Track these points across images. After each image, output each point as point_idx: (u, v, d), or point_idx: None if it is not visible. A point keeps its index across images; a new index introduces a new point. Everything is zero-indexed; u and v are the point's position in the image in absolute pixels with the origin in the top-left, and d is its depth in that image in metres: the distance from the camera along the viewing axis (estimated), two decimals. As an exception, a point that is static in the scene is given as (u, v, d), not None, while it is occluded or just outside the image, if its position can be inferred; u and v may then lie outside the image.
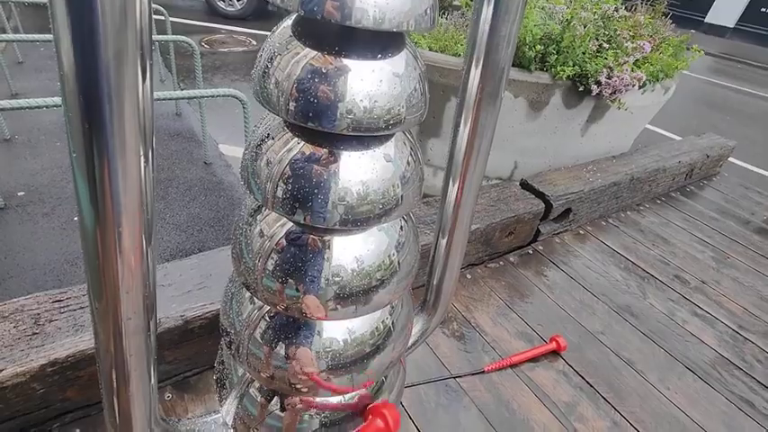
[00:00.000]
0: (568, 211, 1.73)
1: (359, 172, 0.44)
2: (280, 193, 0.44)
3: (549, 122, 1.91)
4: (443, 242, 0.77)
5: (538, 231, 1.68)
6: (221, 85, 3.39)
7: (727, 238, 1.97)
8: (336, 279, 0.51)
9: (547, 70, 1.80)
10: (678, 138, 3.78)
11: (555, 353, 1.27)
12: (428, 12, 0.34)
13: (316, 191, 0.43)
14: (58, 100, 1.28)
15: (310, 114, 0.34)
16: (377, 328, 0.62)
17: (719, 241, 1.95)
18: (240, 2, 5.14)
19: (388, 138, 0.46)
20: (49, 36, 1.78)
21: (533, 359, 1.24)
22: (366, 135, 0.40)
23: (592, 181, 1.80)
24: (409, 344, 0.81)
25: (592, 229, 1.86)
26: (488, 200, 1.56)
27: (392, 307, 0.65)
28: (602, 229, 1.88)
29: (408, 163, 0.50)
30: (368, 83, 0.36)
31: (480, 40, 0.48)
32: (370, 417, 0.64)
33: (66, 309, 0.89)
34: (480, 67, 0.50)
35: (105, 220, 0.33)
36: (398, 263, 0.58)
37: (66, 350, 0.81)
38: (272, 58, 0.36)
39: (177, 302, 0.95)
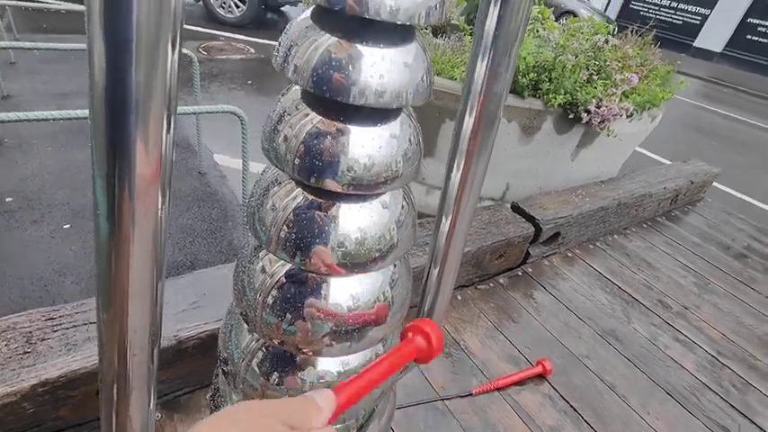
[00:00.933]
0: (557, 234, 1.77)
1: (357, 220, 0.46)
2: (282, 235, 0.46)
3: (541, 147, 1.96)
4: (435, 272, 0.79)
5: (527, 254, 1.72)
6: (218, 93, 3.40)
7: (708, 264, 2.03)
8: (332, 317, 0.53)
9: (539, 97, 1.86)
10: (665, 160, 3.88)
11: (541, 376, 1.29)
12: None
13: (315, 238, 0.45)
14: (55, 113, 1.28)
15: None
16: (370, 360, 0.64)
17: (701, 267, 2.00)
18: (239, 9, 5.17)
19: (382, 192, 0.48)
20: (45, 44, 1.78)
21: (520, 382, 1.26)
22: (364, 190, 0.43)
23: (580, 205, 1.84)
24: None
25: (580, 252, 1.90)
26: (480, 222, 1.59)
27: (385, 339, 0.67)
28: (590, 252, 1.93)
29: (403, 207, 0.53)
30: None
31: (480, 65, 0.49)
32: (410, 334, 0.55)
33: (58, 327, 0.89)
34: (479, 92, 0.51)
35: (120, 234, 0.35)
36: (392, 298, 0.60)
37: (58, 370, 0.81)
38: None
39: (171, 321, 0.96)
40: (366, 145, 0.38)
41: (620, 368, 1.38)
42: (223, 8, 5.17)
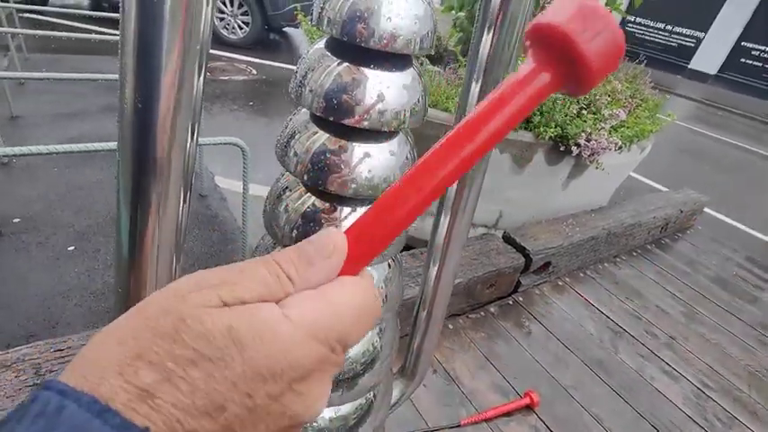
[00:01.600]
0: (548, 263, 1.82)
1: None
2: (294, 234, 0.50)
3: (533, 177, 2.03)
4: (424, 313, 0.84)
5: (518, 283, 1.77)
6: (220, 114, 3.48)
7: (696, 293, 2.08)
8: None
9: (531, 130, 1.93)
10: (657, 185, 3.96)
11: (529, 408, 1.33)
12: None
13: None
14: (59, 147, 1.34)
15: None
16: (360, 405, 0.68)
17: (690, 296, 2.05)
18: (242, 30, 5.30)
19: None
20: (55, 74, 1.85)
21: (508, 413, 1.30)
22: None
23: (571, 235, 1.90)
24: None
25: (570, 281, 1.95)
26: (472, 253, 1.65)
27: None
28: (580, 280, 1.98)
29: None
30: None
31: (472, 96, 0.54)
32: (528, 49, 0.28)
33: (67, 358, 0.94)
34: None
35: (142, 256, 0.39)
36: (386, 296, 0.62)
37: (63, 403, 0.85)
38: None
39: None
40: (368, 160, 0.44)
41: (607, 400, 1.42)
42: (227, 29, 5.30)
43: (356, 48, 0.39)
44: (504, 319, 1.66)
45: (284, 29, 6.17)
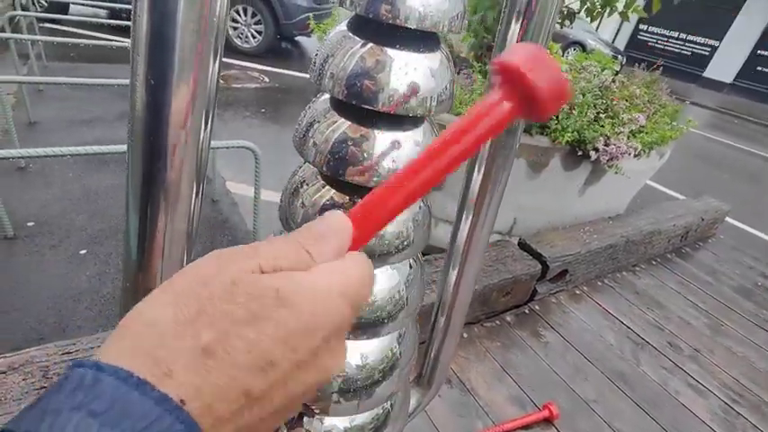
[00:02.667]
0: (565, 271, 1.77)
1: None
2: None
3: (549, 183, 1.98)
4: (442, 319, 0.81)
5: (535, 291, 1.72)
6: (233, 121, 3.51)
7: (721, 305, 2.00)
8: None
9: (547, 135, 1.89)
10: (675, 193, 3.87)
11: (547, 421, 1.27)
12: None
13: None
14: (73, 149, 1.34)
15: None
16: (377, 415, 0.65)
17: (714, 307, 1.98)
18: (255, 39, 5.37)
19: None
20: (73, 79, 1.88)
21: (526, 426, 1.25)
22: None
23: (588, 242, 1.85)
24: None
25: (588, 290, 1.89)
26: (487, 259, 1.60)
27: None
28: (598, 289, 1.92)
29: (420, 207, 0.54)
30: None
31: None
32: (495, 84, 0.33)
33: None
34: None
35: (152, 252, 0.37)
36: (407, 298, 0.59)
37: (70, 407, 0.83)
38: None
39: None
40: (391, 148, 0.41)
41: (630, 414, 1.36)
42: (240, 38, 5.38)
43: (382, 26, 0.36)
44: (520, 328, 1.60)
45: (296, 38, 6.24)
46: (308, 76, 0.44)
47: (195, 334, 0.17)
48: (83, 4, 4.73)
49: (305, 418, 0.58)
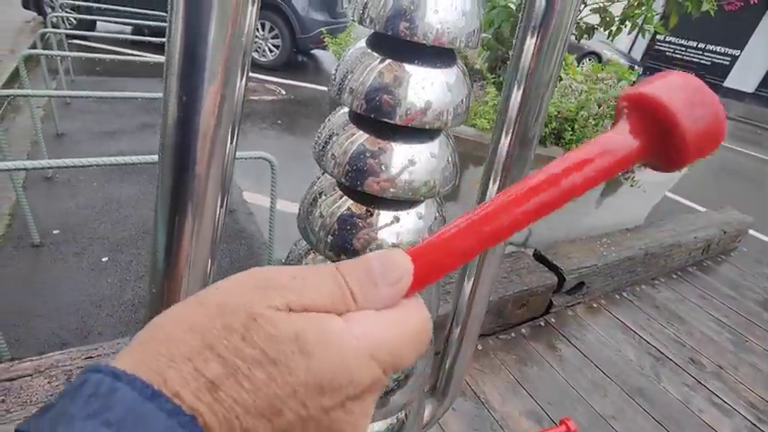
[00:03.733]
0: (582, 284, 1.74)
1: (395, 226, 0.49)
2: (329, 239, 0.48)
3: (564, 194, 1.97)
4: (457, 330, 0.81)
5: (551, 303, 1.69)
6: (250, 132, 3.58)
7: (744, 320, 1.94)
8: None
9: (561, 145, 1.88)
10: (695, 205, 3.78)
11: (565, 437, 1.24)
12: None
13: (359, 239, 0.47)
14: (99, 159, 1.40)
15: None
16: (390, 425, 0.65)
17: (737, 322, 1.91)
18: (272, 53, 5.50)
19: (419, 203, 0.51)
20: (98, 93, 1.95)
21: (542, 442, 1.22)
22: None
23: (605, 255, 1.82)
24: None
25: (605, 303, 1.86)
26: (502, 271, 1.59)
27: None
28: (616, 303, 1.88)
29: (435, 218, 0.54)
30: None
31: (514, 100, 0.52)
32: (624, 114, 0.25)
33: (95, 367, 0.94)
34: (510, 135, 0.53)
35: (179, 257, 0.38)
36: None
37: (91, 411, 0.85)
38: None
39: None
40: (408, 161, 0.42)
41: (650, 432, 1.32)
42: (257, 52, 5.52)
43: (400, 42, 0.38)
44: (535, 341, 1.58)
45: (312, 51, 6.37)
46: (322, 88, 0.45)
47: (204, 363, 0.17)
48: (109, 21, 4.93)
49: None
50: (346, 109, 0.47)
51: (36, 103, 2.70)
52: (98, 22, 5.11)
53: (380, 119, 0.40)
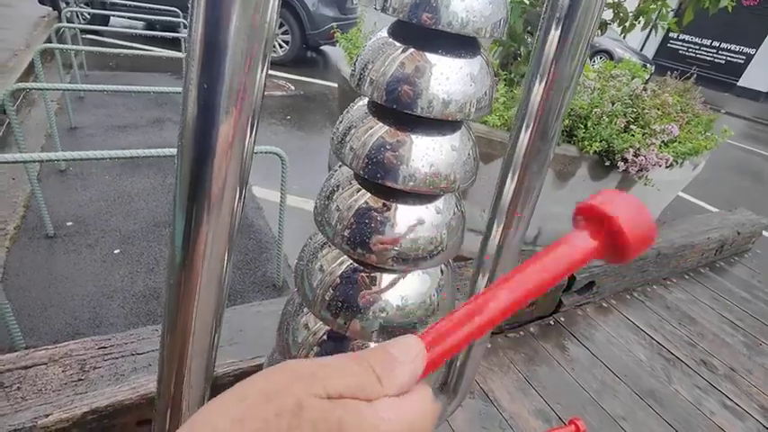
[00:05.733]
0: (592, 283, 1.72)
1: (413, 220, 0.48)
2: (346, 233, 0.48)
3: (575, 192, 1.95)
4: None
5: (560, 302, 1.68)
6: (259, 128, 3.59)
7: (758, 322, 1.91)
8: (382, 313, 0.52)
9: (574, 143, 1.86)
10: (708, 206, 3.73)
11: (574, 436, 1.24)
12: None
13: (374, 234, 0.46)
14: (112, 152, 1.41)
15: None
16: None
17: (750, 324, 1.88)
18: (282, 49, 5.51)
19: (437, 197, 0.50)
20: (112, 87, 1.97)
21: (551, 441, 1.21)
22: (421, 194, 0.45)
23: (617, 254, 1.80)
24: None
25: (615, 303, 1.84)
26: (511, 268, 1.58)
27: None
28: (627, 303, 1.86)
29: (454, 213, 0.54)
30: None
31: (535, 94, 0.50)
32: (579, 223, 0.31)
33: (109, 356, 0.95)
34: (530, 131, 0.52)
35: (193, 261, 0.38)
36: (437, 304, 0.59)
37: (106, 399, 0.86)
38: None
39: (209, 358, 1.00)
40: (428, 154, 0.41)
41: (661, 433, 1.30)
42: (269, 47, 5.53)
43: (423, 31, 0.37)
44: (544, 340, 1.57)
45: (321, 47, 6.37)
46: (332, 84, 0.44)
47: None
48: (122, 17, 4.96)
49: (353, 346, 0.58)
50: (366, 100, 0.46)
51: (50, 97, 2.73)
52: (111, 17, 5.16)
53: (401, 110, 0.40)
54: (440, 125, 0.43)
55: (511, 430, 1.22)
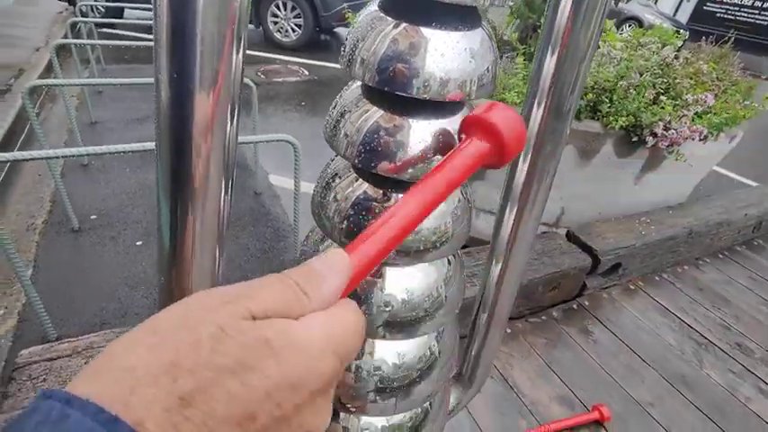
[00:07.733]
0: (618, 265, 1.65)
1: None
2: (344, 225, 0.45)
3: (600, 170, 1.86)
4: (484, 315, 0.77)
5: (584, 285, 1.62)
6: (274, 115, 3.58)
7: (800, 303, 1.80)
8: (387, 308, 0.50)
9: (598, 119, 1.77)
10: (747, 180, 3.52)
11: (598, 423, 1.20)
12: None
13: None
14: (133, 146, 1.42)
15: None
16: (414, 414, 0.63)
17: (791, 305, 1.78)
18: (295, 33, 5.44)
19: None
20: (129, 80, 1.98)
21: (573, 428, 1.18)
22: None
23: (645, 234, 1.71)
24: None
25: (643, 285, 1.77)
26: (532, 252, 1.53)
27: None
28: (656, 284, 1.78)
29: (459, 201, 0.50)
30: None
31: (547, 68, 0.46)
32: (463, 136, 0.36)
33: (128, 349, 0.98)
34: (543, 107, 0.48)
35: (183, 247, 0.37)
36: (445, 296, 0.56)
37: (125, 391, 0.88)
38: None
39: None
40: (427, 138, 0.38)
41: (692, 421, 1.25)
42: (280, 32, 5.47)
43: (416, 2, 0.33)
44: (567, 324, 1.52)
45: (335, 29, 6.26)
46: (346, 36, 0.41)
47: (174, 381, 0.16)
48: (136, 8, 5.00)
49: (341, 415, 0.57)
50: (359, 83, 0.43)
51: (70, 93, 2.78)
52: (125, 10, 5.20)
53: (395, 92, 0.36)
54: (439, 107, 0.39)
55: (531, 417, 1.20)
